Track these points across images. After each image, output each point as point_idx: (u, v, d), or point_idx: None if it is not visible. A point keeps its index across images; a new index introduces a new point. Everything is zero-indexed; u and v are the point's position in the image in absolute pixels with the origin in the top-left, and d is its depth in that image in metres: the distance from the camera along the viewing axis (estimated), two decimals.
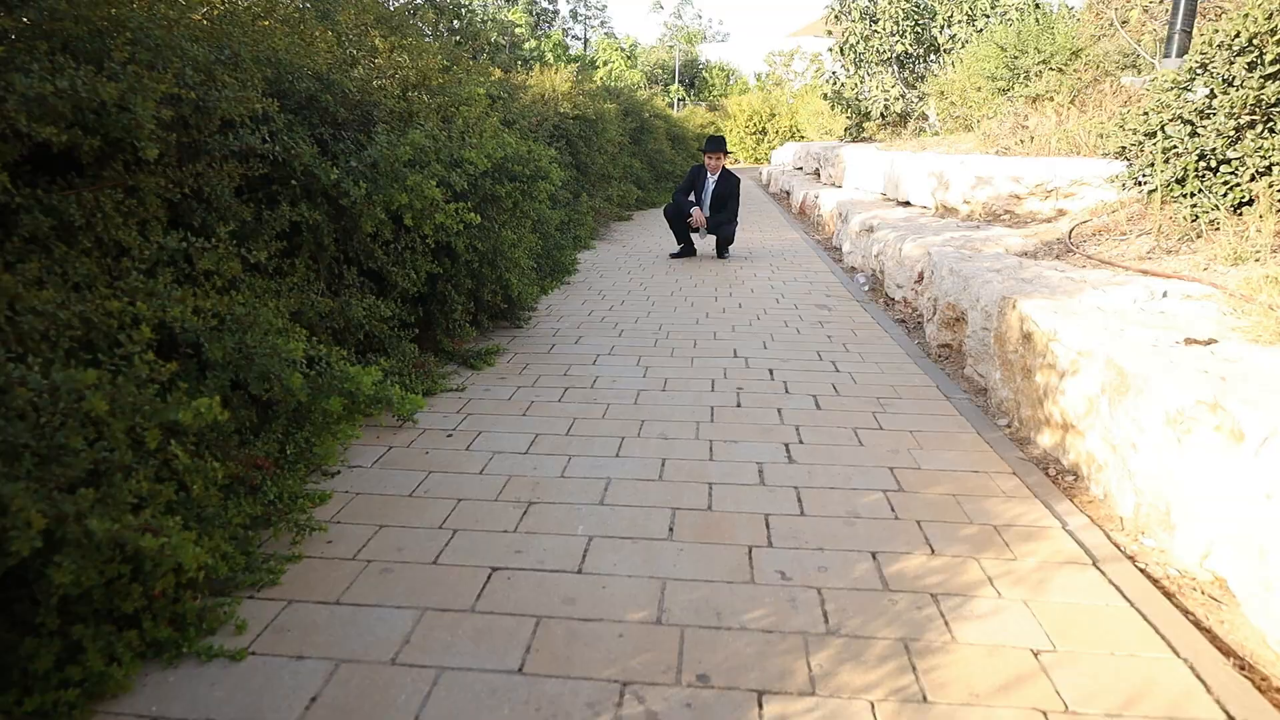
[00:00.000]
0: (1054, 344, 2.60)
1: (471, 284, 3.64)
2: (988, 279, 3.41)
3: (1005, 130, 8.87)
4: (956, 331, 3.71)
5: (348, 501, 2.22)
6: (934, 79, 12.80)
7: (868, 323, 4.52)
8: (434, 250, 3.42)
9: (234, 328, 1.96)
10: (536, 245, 4.66)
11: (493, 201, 3.51)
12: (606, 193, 9.12)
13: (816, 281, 5.89)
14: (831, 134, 20.18)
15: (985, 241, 4.67)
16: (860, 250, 6.42)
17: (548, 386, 3.31)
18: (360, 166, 2.67)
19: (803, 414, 2.96)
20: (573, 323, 4.48)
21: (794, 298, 5.24)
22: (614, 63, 41.86)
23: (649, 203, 12.16)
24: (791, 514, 2.14)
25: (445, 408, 3.03)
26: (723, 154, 6.77)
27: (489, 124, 3.17)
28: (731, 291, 5.46)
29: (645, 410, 3.00)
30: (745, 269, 6.45)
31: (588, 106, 8.51)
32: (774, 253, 7.45)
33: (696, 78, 50.64)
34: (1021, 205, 5.78)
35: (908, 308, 4.74)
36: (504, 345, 3.94)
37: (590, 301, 5.09)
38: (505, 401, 3.11)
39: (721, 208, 6.88)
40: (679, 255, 7.07)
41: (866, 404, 3.08)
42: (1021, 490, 2.31)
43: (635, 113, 12.84)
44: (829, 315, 4.70)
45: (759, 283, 5.82)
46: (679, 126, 18.31)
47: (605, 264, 6.67)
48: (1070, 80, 9.58)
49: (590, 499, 2.24)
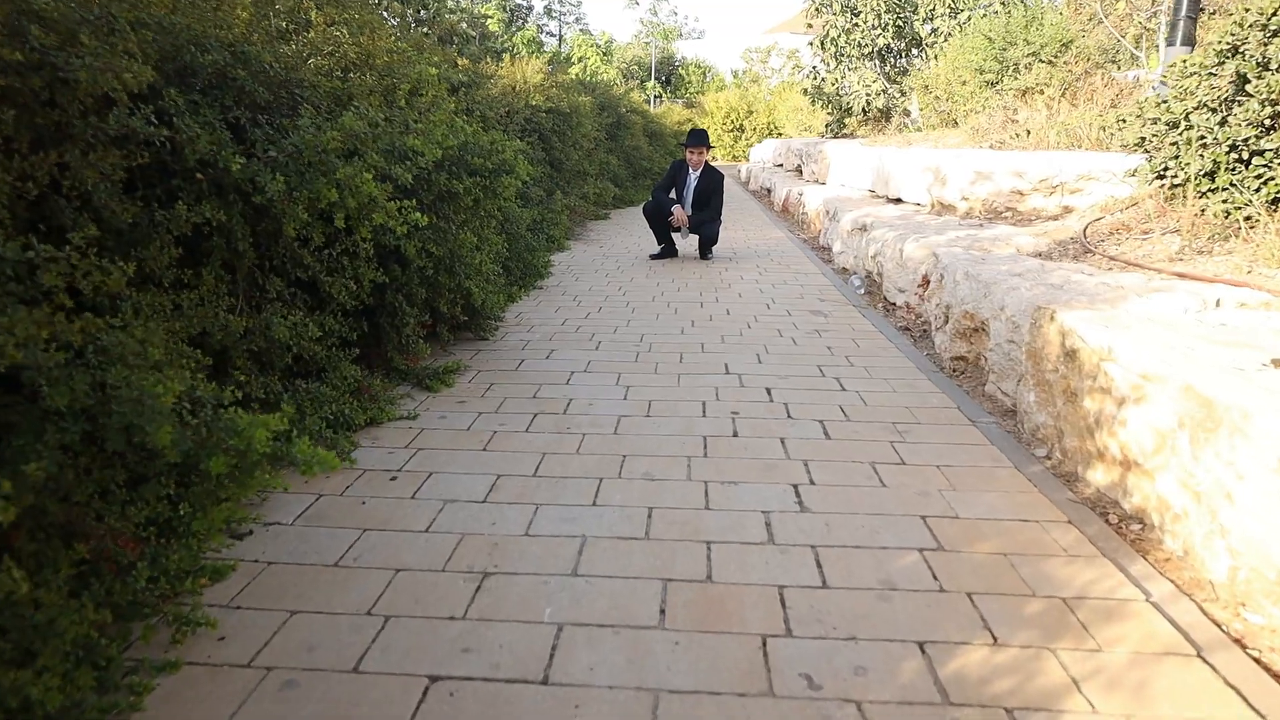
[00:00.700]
0: (1108, 364, 2.20)
1: (426, 293, 3.18)
2: (1012, 285, 3.02)
3: (995, 124, 8.55)
4: (974, 343, 3.32)
5: (256, 575, 1.76)
6: (918, 73, 12.50)
7: (868, 331, 4.12)
8: (380, 256, 2.96)
9: (94, 362, 1.50)
10: (503, 248, 4.20)
11: (449, 199, 3.05)
12: (582, 190, 8.67)
13: (808, 284, 5.49)
14: (811, 130, 19.86)
15: (994, 242, 4.29)
16: (853, 250, 6.03)
17: (514, 412, 2.86)
18: (281, 156, 2.21)
19: (810, 445, 2.54)
20: (544, 333, 4.03)
21: (785, 303, 4.83)
22: (589, 59, 41.31)
23: (627, 201, 11.73)
24: (811, 585, 1.72)
25: (392, 440, 2.57)
26: (705, 148, 6.35)
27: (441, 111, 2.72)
28: (718, 296, 5.04)
29: (627, 442, 2.57)
30: (731, 271, 6.04)
31: (561, 99, 8.05)
32: (759, 253, 7.05)
33: (673, 75, 50.19)
34: (1024, 202, 5.43)
35: (911, 314, 4.35)
36: (466, 361, 3.48)
37: (564, 309, 4.65)
38: (463, 432, 2.66)
39: (704, 205, 6.47)
40: (660, 256, 6.64)
41: (882, 431, 2.67)
42: (1083, 545, 1.91)
43: (611, 108, 12.39)
44: (825, 323, 4.30)
45: (746, 286, 5.41)
46: (656, 123, 17.89)
47: (581, 266, 6.23)
48: (1061, 73, 9.29)
49: (561, 566, 1.81)
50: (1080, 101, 8.49)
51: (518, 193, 3.26)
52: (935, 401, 2.98)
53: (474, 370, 3.38)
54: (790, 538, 1.93)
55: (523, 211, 5.38)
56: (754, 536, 1.94)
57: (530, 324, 4.24)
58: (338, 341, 2.75)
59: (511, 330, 4.08)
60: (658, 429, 2.69)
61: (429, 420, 2.77)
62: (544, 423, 2.75)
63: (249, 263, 2.36)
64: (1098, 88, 8.63)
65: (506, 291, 4.24)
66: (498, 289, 3.85)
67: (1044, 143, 6.38)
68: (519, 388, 3.14)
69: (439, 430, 2.67)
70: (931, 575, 1.76)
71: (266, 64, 2.34)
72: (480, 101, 5.28)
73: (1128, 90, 8.52)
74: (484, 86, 5.44)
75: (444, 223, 3.05)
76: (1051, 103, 8.71)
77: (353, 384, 2.71)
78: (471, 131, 3.23)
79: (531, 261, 5.43)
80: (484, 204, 3.23)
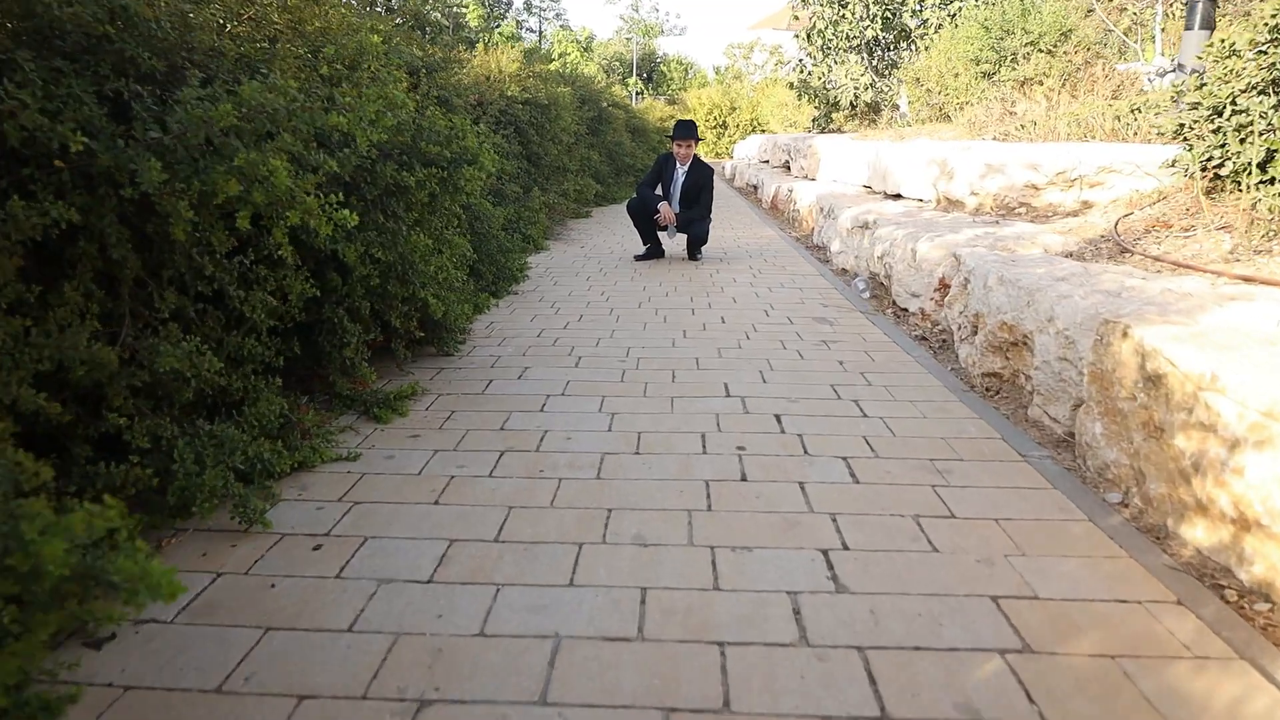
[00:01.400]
0: (1211, 396, 1.77)
1: (373, 306, 2.69)
2: (1061, 292, 2.59)
3: (993, 117, 8.18)
4: (1012, 359, 2.88)
5: (105, 709, 1.28)
6: (908, 65, 12.12)
7: (882, 342, 3.68)
8: (318, 263, 2.47)
9: None
10: (469, 250, 3.71)
11: (398, 194, 2.56)
12: (562, 187, 8.18)
13: (807, 288, 5.05)
14: (797, 126, 19.47)
15: (1017, 241, 3.87)
16: (853, 250, 5.60)
17: (476, 449, 2.38)
18: (168, 138, 1.71)
19: (836, 492, 2.09)
20: (518, 347, 3.55)
21: (785, 308, 4.38)
22: (570, 54, 40.74)
23: (609, 198, 11.25)
24: (866, 716, 1.27)
25: (324, 490, 2.09)
26: (694, 141, 5.88)
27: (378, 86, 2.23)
28: (710, 302, 4.58)
29: (612, 490, 2.10)
30: (723, 273, 5.58)
31: (539, 90, 7.56)
32: (751, 253, 6.60)
33: (654, 71, 49.72)
34: (1039, 197, 5.02)
35: (926, 321, 3.92)
36: (425, 384, 3.00)
37: (541, 317, 4.17)
38: (412, 478, 2.18)
39: (693, 202, 6.01)
40: (645, 257, 6.18)
41: (919, 470, 2.22)
42: (1207, 638, 1.47)
43: (593, 101, 11.90)
44: (832, 332, 3.86)
45: (741, 290, 4.96)
46: (640, 118, 17.41)
47: (561, 268, 5.75)
48: (1061, 63, 8.93)
49: (525, 689, 1.34)
50: (1081, 93, 8.14)
51: (486, 188, 2.77)
52: (973, 430, 2.54)
53: (433, 394, 2.89)
54: (828, 634, 1.47)
55: (495, 210, 4.89)
56: (781, 633, 1.48)
57: (502, 336, 3.76)
58: (259, 367, 2.26)
59: (480, 344, 3.60)
60: (649, 470, 2.22)
61: (373, 461, 2.29)
62: (512, 464, 2.28)
63: (132, 275, 1.86)
64: (1099, 78, 8.29)
65: (474, 300, 3.75)
66: (462, 298, 3.37)
67: (1053, 134, 5.98)
68: (485, 416, 2.67)
69: (383, 476, 2.19)
70: (1025, 695, 1.31)
71: (151, 22, 1.84)
72: (448, 88, 4.78)
73: (1129, 81, 8.17)
74: (451, 71, 4.93)
75: (393, 222, 2.56)
76: (1051, 94, 8.35)
77: (278, 419, 2.22)
78: (429, 114, 2.75)
79: (505, 265, 4.94)
80: (442, 200, 2.74)
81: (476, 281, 4.44)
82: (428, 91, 4.29)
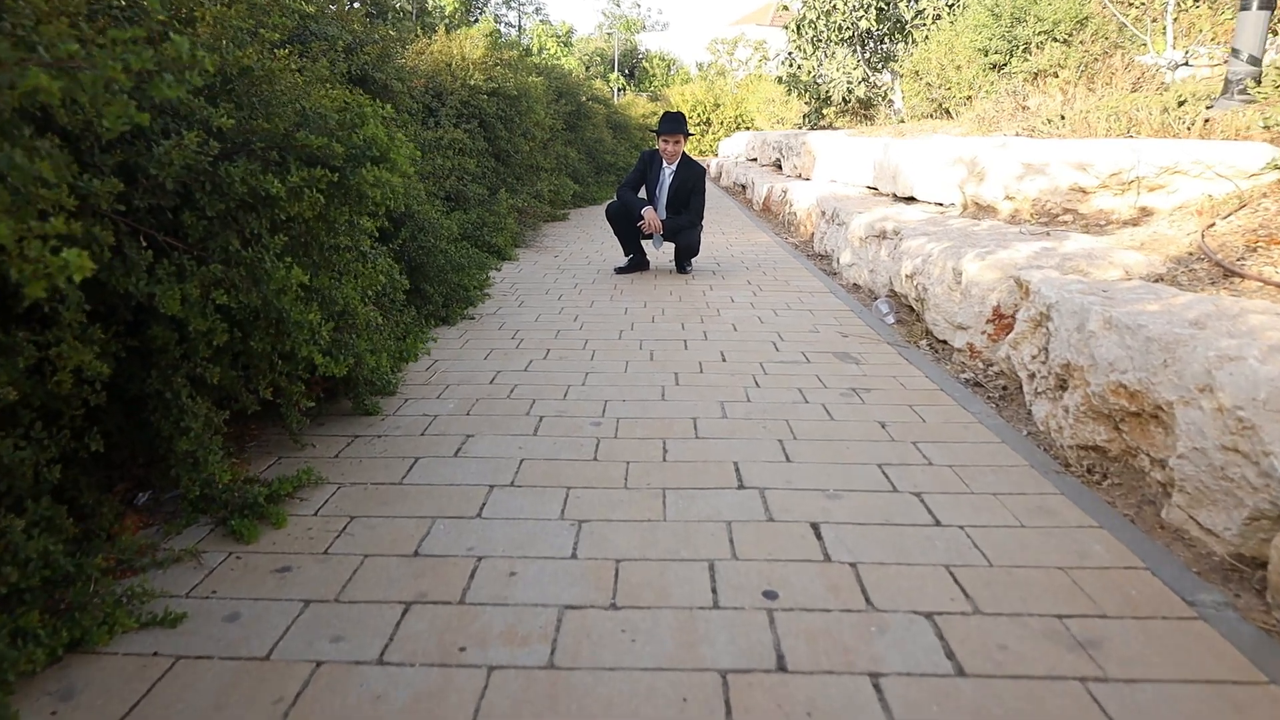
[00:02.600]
0: None
1: (225, 373, 1.86)
2: (1223, 350, 1.81)
3: (1004, 112, 7.48)
4: (1129, 433, 2.11)
5: None
6: (907, 57, 11.39)
7: (925, 389, 2.91)
8: (136, 314, 1.65)
9: None
10: (395, 277, 2.89)
11: (259, 209, 1.74)
12: (534, 188, 7.35)
13: (818, 309, 4.27)
14: (785, 123, 18.74)
15: (1089, 260, 3.10)
16: (867, 262, 4.84)
17: (369, 599, 1.57)
18: None
19: (932, 699, 1.30)
20: (462, 400, 2.74)
21: (797, 339, 3.60)
22: (550, 49, 39.78)
23: (588, 198, 10.42)
24: None
25: (97, 701, 1.27)
26: (683, 136, 5.08)
27: (129, 30, 1.39)
28: (706, 330, 3.79)
29: (571, 697, 1.30)
30: (718, 290, 4.79)
31: (507, 79, 6.72)
32: (747, 263, 5.81)
33: (636, 67, 48.82)
34: (1087, 202, 4.27)
35: (977, 359, 3.14)
36: (323, 466, 2.17)
37: (499, 353, 3.35)
38: (251, 670, 1.36)
39: (682, 207, 5.21)
40: (627, 270, 5.37)
41: (1050, 645, 1.44)
42: None
43: (570, 95, 11.06)
44: (861, 375, 3.08)
45: (741, 313, 4.17)
46: (621, 114, 16.58)
47: (529, 283, 4.93)
48: (1078, 53, 8.24)
49: None
50: (1098, 85, 7.45)
51: (397, 197, 1.97)
52: (1100, 550, 1.76)
53: (332, 485, 2.07)
54: None
55: (445, 220, 4.07)
56: None
57: (445, 382, 2.94)
58: (28, 476, 1.44)
59: (415, 395, 2.78)
60: (632, 647, 1.42)
61: (200, 628, 1.47)
62: (418, 633, 1.46)
63: None
64: (1117, 70, 7.59)
65: (401, 346, 2.94)
66: (383, 341, 2.55)
67: (1088, 129, 5.24)
68: (395, 529, 1.85)
69: (206, 665, 1.37)
70: None
71: None
72: (388, 70, 3.94)
73: (1150, 73, 7.48)
74: (382, 48, 4.05)
75: (252, 250, 1.73)
76: (1067, 87, 7.66)
77: (37, 562, 1.39)
78: (315, 94, 1.93)
79: (459, 283, 4.12)
80: (335, 215, 1.92)
81: (419, 308, 3.62)
82: (347, 71, 3.45)
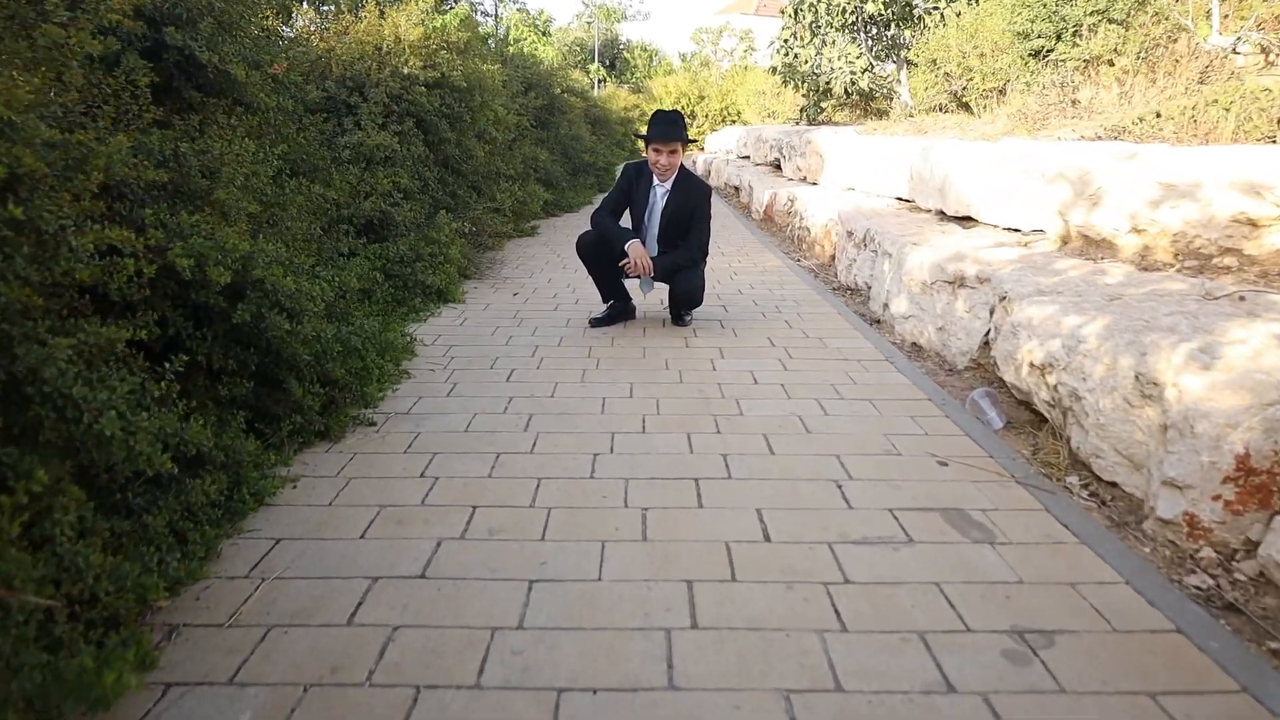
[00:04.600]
0: None
1: None
2: None
3: (1050, 106, 6.22)
4: None
5: None
6: (922, 44, 10.07)
7: (1136, 611, 1.59)
8: None
9: None
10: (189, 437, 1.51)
11: None
12: (492, 201, 5.96)
13: (881, 397, 2.94)
14: (777, 116, 17.37)
15: None
16: (934, 316, 3.53)
17: None
18: None
19: None
20: (270, 704, 1.40)
21: (871, 472, 2.28)
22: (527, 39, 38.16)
23: (562, 205, 9.02)
24: None
25: None
26: (681, 145, 3.72)
27: None
28: (727, 452, 2.44)
29: None
30: (731, 356, 3.45)
31: (453, 67, 5.31)
32: (761, 303, 4.48)
33: (617, 58, 47.22)
34: (1258, 239, 2.98)
35: (1206, 540, 1.83)
36: None
37: (386, 521, 2.00)
38: None
39: (678, 238, 3.86)
40: (605, 322, 4.01)
41: None
42: None
43: (541, 87, 9.66)
44: (1005, 572, 1.76)
45: (771, 408, 2.83)
46: (600, 107, 15.16)
47: (471, 345, 3.57)
48: (1138, 36, 6.95)
49: None
50: (1160, 75, 6.19)
51: None
52: None
53: None
54: None
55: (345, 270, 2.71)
56: None
57: (262, 617, 1.60)
58: None
59: (198, 645, 1.44)
60: None
61: None
62: None
63: None
64: (1182, 57, 6.33)
65: (179, 563, 1.58)
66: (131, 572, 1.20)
67: (1205, 131, 3.92)
68: None
69: None
70: None
71: None
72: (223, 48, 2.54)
73: (1220, 60, 6.20)
74: (235, 20, 2.63)
75: None
76: (1125, 76, 6.40)
77: None
78: None
79: (357, 369, 2.76)
80: None
81: (278, 420, 2.27)
82: (149, 49, 2.06)
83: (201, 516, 1.85)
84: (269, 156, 2.31)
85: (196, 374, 2.19)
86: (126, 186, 1.78)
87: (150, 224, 1.68)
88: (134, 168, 1.64)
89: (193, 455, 1.76)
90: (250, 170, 2.31)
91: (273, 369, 2.35)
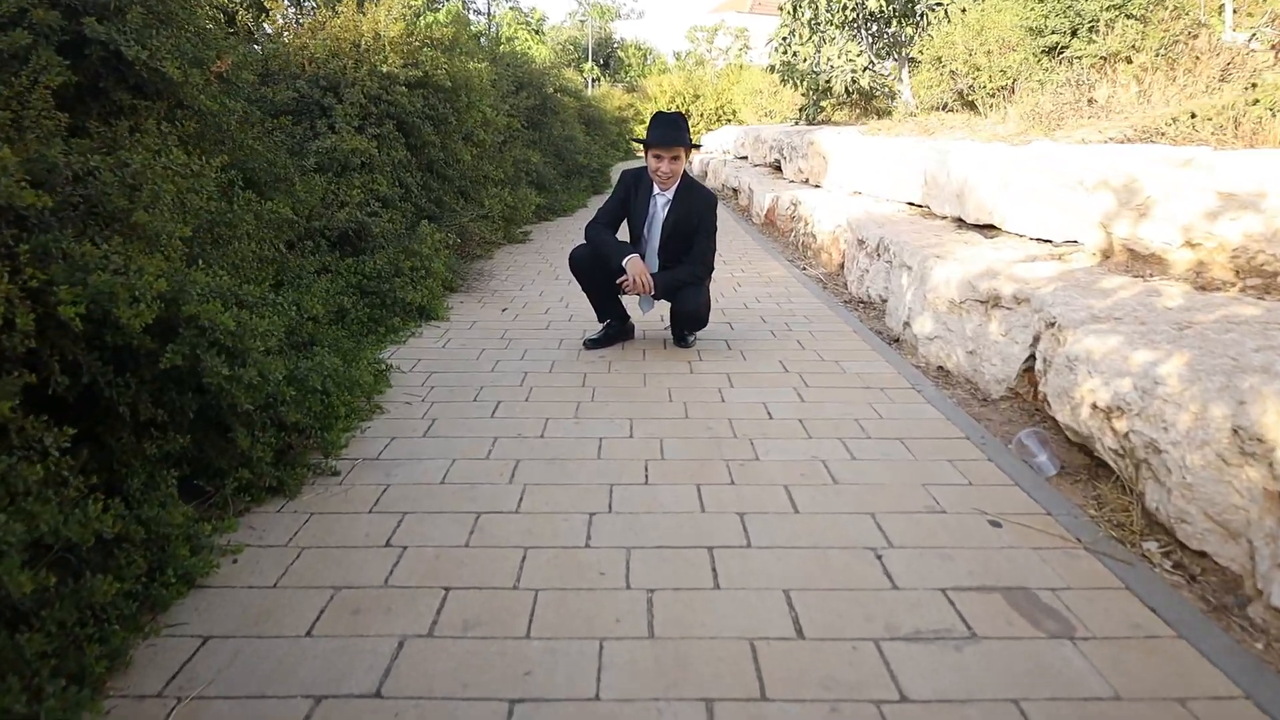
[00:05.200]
0: None
1: None
2: None
3: (1065, 106, 5.92)
4: None
5: None
6: (926, 42, 9.76)
7: None
8: None
9: None
10: None
11: None
12: (480, 208, 5.61)
13: (913, 435, 2.61)
14: (774, 115, 17.03)
15: None
16: (964, 339, 3.20)
17: None
18: None
19: None
20: None
21: (912, 533, 1.95)
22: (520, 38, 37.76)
23: (555, 209, 8.68)
24: None
25: None
26: (685, 150, 3.38)
27: None
28: (744, 510, 2.11)
29: None
30: (741, 384, 3.12)
31: (437, 65, 4.96)
32: (769, 319, 4.15)
33: (611, 57, 46.84)
34: None
35: None
36: None
37: (357, 557, 1.66)
38: None
39: (681, 252, 3.53)
40: (601, 343, 3.67)
41: None
42: None
43: (534, 86, 9.31)
44: (1100, 687, 1.43)
45: (790, 450, 2.50)
46: (595, 106, 14.81)
47: (453, 373, 3.23)
48: (1158, 32, 6.64)
49: None
50: (1180, 73, 5.89)
51: None
52: None
53: None
54: None
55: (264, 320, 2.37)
56: None
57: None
58: None
59: None
60: None
61: None
62: None
63: None
64: (1203, 53, 6.03)
65: None
66: None
67: (1255, 132, 3.60)
68: None
69: None
70: None
71: None
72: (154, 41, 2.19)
73: (1241, 57, 5.89)
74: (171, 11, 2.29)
75: None
76: (1144, 75, 6.09)
77: None
78: None
79: (315, 409, 2.41)
80: None
81: (221, 478, 1.93)
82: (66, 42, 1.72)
83: (110, 613, 1.51)
84: (206, 168, 1.96)
85: (118, 428, 1.84)
86: (11, 212, 1.44)
87: (28, 261, 1.34)
88: (4, 190, 1.30)
89: (91, 545, 1.41)
90: (186, 185, 1.96)
91: (215, 413, 2.01)
